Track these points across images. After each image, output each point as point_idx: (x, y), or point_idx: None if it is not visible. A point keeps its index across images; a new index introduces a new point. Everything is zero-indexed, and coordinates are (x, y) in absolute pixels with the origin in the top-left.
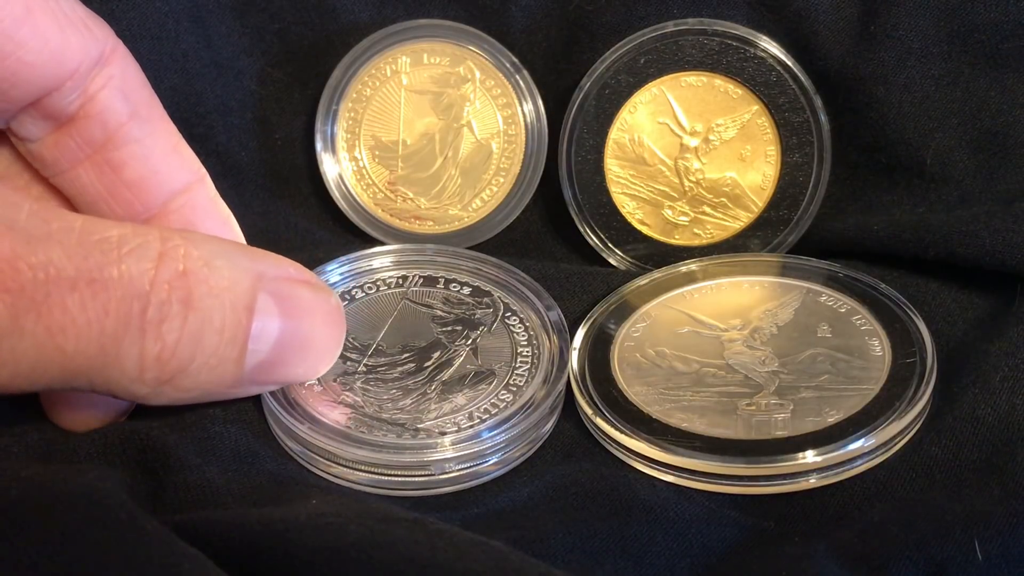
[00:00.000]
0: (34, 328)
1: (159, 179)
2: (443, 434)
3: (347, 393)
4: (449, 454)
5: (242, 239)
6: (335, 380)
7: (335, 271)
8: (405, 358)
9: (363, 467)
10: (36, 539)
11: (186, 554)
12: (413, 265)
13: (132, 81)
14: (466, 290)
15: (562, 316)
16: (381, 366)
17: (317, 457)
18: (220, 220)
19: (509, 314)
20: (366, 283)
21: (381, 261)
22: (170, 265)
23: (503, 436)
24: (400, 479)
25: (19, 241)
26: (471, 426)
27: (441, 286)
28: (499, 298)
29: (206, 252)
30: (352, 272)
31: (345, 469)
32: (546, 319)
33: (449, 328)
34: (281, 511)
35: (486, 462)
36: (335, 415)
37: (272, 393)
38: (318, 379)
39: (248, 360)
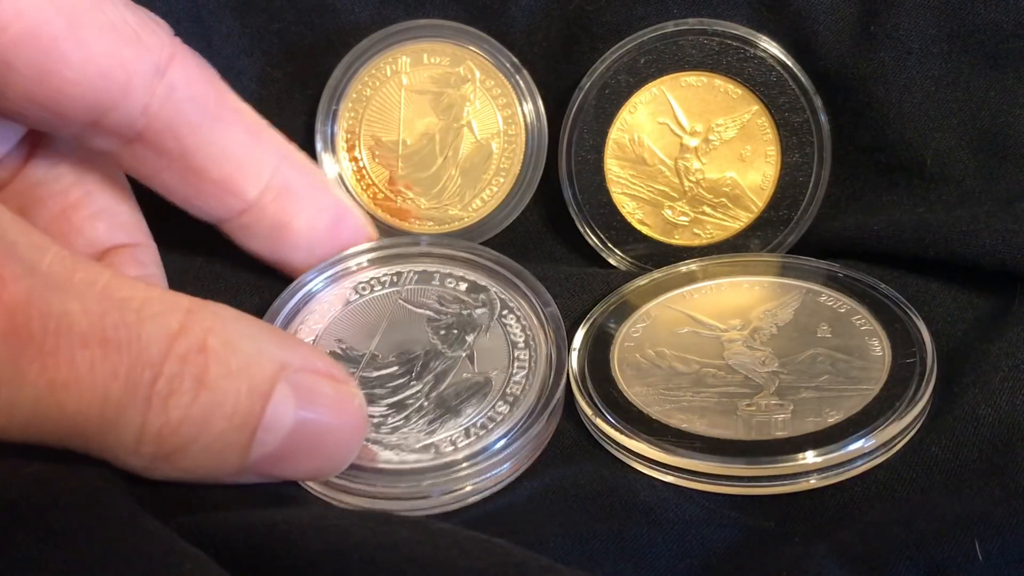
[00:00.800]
0: (36, 380)
1: (245, 172)
2: (440, 456)
3: None
4: (448, 479)
5: (344, 195)
6: None
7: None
8: (400, 371)
9: (363, 499)
10: (38, 538)
11: (188, 554)
12: (407, 261)
13: (196, 84)
14: (462, 286)
15: (558, 313)
16: (374, 380)
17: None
18: (318, 187)
19: (506, 311)
20: (360, 283)
21: (371, 257)
22: (191, 338)
23: (503, 453)
24: (398, 505)
25: (36, 287)
26: (468, 444)
27: (436, 282)
28: (496, 294)
29: (233, 331)
30: (343, 272)
31: (341, 494)
32: (543, 317)
33: (444, 332)
34: (284, 513)
35: (486, 476)
36: None
37: None
38: None
39: (254, 450)
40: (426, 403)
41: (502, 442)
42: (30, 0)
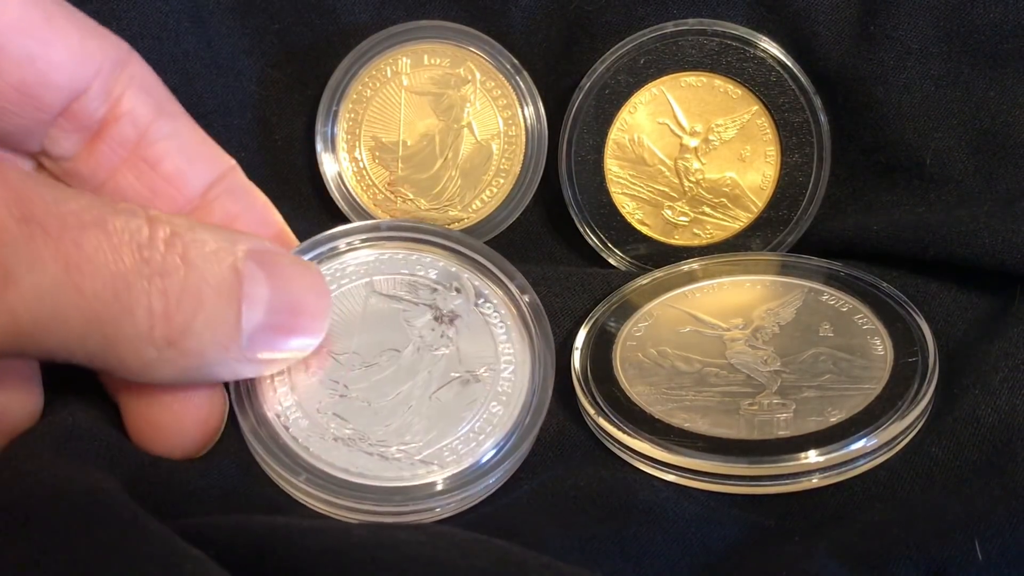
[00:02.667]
0: (53, 262)
1: (196, 169)
2: (442, 467)
3: (333, 426)
4: (450, 485)
5: (283, 223)
6: (318, 409)
7: None
8: (386, 376)
9: (364, 514)
10: (39, 537)
11: (188, 555)
12: (372, 246)
13: (152, 81)
14: (432, 273)
15: (536, 298)
16: (363, 381)
17: (316, 504)
18: (260, 203)
19: (481, 299)
20: (327, 275)
21: (338, 245)
22: (160, 226)
23: (501, 455)
24: (401, 516)
25: (33, 184)
26: (469, 451)
27: (406, 270)
28: (468, 280)
29: (188, 222)
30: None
31: (342, 511)
32: (521, 305)
33: (422, 326)
34: (284, 516)
35: (489, 480)
36: (331, 456)
37: (267, 448)
38: (305, 414)
39: (245, 321)
40: (417, 403)
41: (500, 446)
42: None
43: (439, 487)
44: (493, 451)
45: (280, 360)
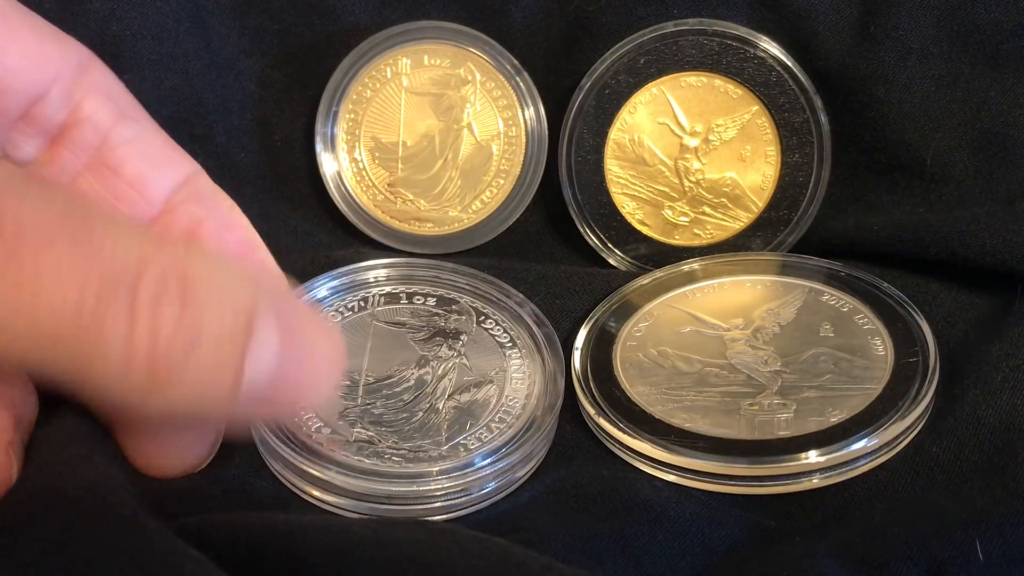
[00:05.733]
0: (2, 278)
1: (159, 172)
2: (474, 450)
3: (358, 430)
4: (487, 471)
5: (251, 228)
6: (340, 419)
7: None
8: (401, 389)
9: (397, 501)
10: (38, 536)
11: (188, 555)
12: (370, 286)
13: (115, 86)
14: (431, 301)
15: (538, 309)
16: (379, 393)
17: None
18: (226, 207)
19: (482, 317)
20: (328, 312)
21: (332, 286)
22: (169, 245)
23: (512, 456)
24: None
25: (6, 179)
26: (491, 439)
27: (405, 301)
28: (467, 303)
29: (208, 253)
30: (307, 302)
31: (374, 505)
32: (523, 316)
33: (429, 342)
34: (284, 515)
35: (520, 472)
36: (339, 457)
37: (289, 444)
38: (325, 422)
39: (248, 371)
40: (436, 402)
41: (506, 447)
42: None
43: (447, 487)
44: (502, 451)
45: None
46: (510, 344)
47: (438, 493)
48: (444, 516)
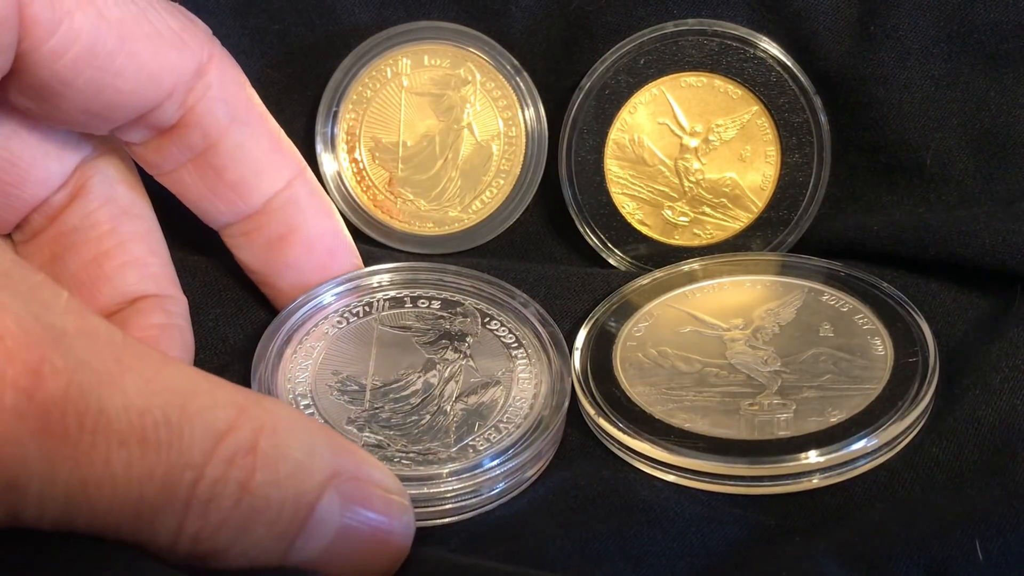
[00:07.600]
0: (69, 478)
1: (260, 179)
2: (483, 451)
3: (366, 434)
4: (496, 472)
5: (344, 229)
6: (347, 425)
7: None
8: (408, 393)
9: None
10: (37, 535)
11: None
12: (374, 291)
13: (230, 86)
14: (435, 304)
15: (541, 309)
16: (386, 398)
17: None
18: (323, 213)
19: (488, 319)
20: (334, 318)
21: (336, 292)
22: (239, 439)
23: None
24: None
25: (75, 383)
26: (500, 439)
27: (409, 305)
28: (471, 305)
29: (285, 432)
30: (313, 308)
31: None
32: (527, 316)
33: (435, 345)
34: None
35: (529, 472)
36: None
37: None
38: (332, 428)
39: (292, 555)
40: (445, 405)
41: (513, 448)
42: (85, 21)
43: (457, 488)
44: (511, 451)
45: None
46: (516, 345)
47: (448, 495)
48: (454, 518)
